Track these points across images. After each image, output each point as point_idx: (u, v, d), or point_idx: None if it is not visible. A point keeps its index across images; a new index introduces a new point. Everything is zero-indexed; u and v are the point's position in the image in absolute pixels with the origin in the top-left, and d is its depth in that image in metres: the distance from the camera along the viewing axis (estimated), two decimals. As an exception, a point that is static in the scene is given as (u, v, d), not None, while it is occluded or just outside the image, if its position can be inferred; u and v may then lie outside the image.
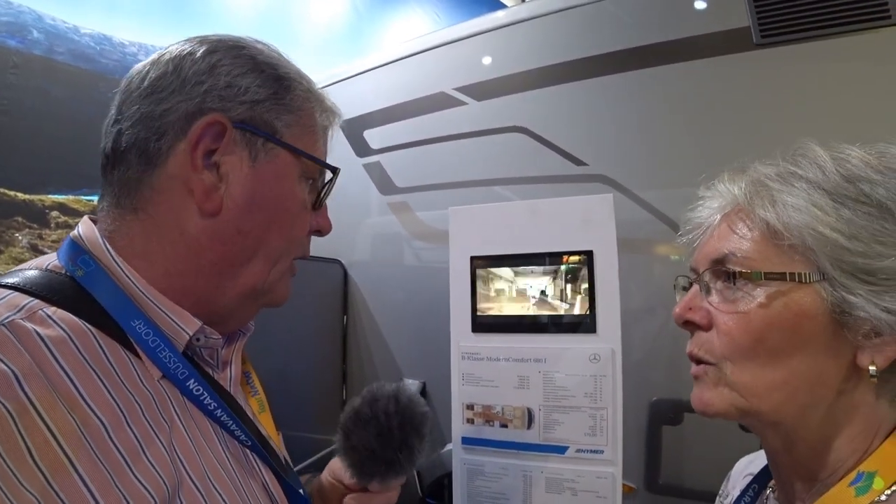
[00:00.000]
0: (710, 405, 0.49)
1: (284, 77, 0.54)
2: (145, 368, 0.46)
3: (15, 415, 0.35)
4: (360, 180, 1.66)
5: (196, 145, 0.49)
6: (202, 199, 0.49)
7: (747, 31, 1.15)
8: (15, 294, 0.43)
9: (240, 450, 0.54)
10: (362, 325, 1.66)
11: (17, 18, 2.43)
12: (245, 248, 0.52)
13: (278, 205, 0.54)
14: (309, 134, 0.57)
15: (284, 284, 0.59)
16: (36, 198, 2.54)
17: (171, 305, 0.49)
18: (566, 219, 1.02)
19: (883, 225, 0.42)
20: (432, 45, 1.59)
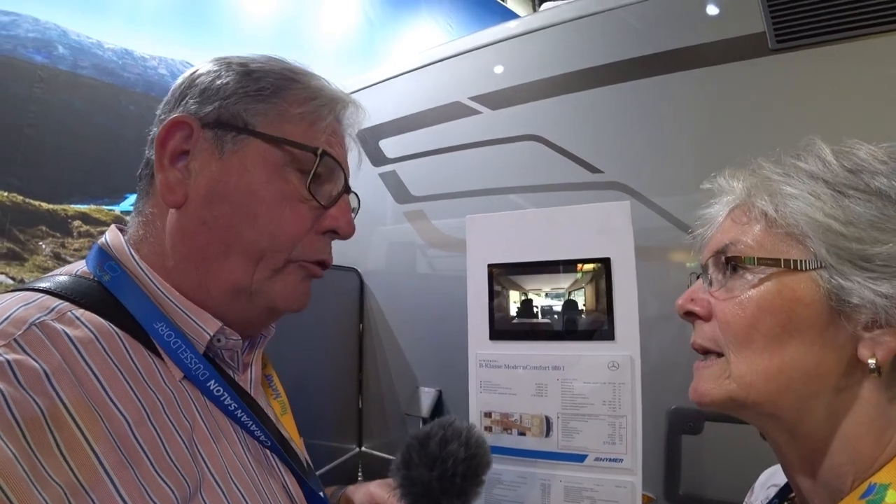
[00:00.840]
0: (706, 395, 0.49)
1: (255, 70, 0.55)
2: (167, 369, 0.48)
3: (45, 410, 0.37)
4: (376, 189, 1.67)
5: (163, 145, 0.52)
6: (165, 193, 0.52)
7: (763, 36, 1.15)
8: (46, 297, 0.45)
9: (260, 450, 0.55)
10: (378, 334, 1.66)
11: (43, 35, 2.52)
12: (213, 241, 0.52)
13: (247, 196, 0.52)
14: (295, 122, 0.55)
15: (286, 286, 0.56)
16: (59, 207, 2.60)
17: (191, 306, 0.51)
18: (583, 226, 1.02)
19: (882, 211, 0.42)
20: (447, 55, 1.61)
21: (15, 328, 0.40)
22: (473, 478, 0.67)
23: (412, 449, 0.68)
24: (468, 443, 0.68)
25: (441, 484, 0.65)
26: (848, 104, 1.08)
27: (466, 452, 0.67)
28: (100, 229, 2.72)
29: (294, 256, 0.55)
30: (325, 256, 0.59)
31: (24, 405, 0.36)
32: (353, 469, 1.65)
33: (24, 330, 0.40)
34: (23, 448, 0.35)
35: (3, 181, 2.39)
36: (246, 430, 0.53)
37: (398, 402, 1.59)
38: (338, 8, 3.93)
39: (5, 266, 2.40)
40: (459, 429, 0.69)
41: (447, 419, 0.71)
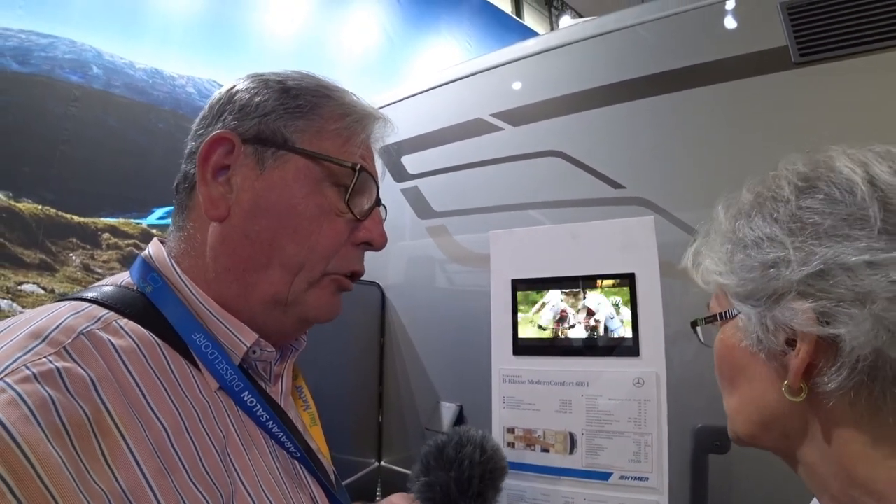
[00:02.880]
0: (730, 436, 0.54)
1: (292, 87, 0.57)
2: (204, 380, 0.49)
3: (90, 416, 0.38)
4: (398, 205, 1.69)
5: (205, 160, 0.54)
6: (208, 207, 0.53)
7: (785, 50, 1.15)
8: (93, 307, 0.46)
9: (289, 462, 0.55)
10: (399, 348, 1.67)
11: (79, 56, 2.64)
12: (255, 253, 0.53)
13: (288, 210, 0.54)
14: (331, 138, 0.57)
15: (320, 298, 0.57)
16: (90, 220, 2.69)
17: (230, 318, 0.52)
18: (607, 242, 1.02)
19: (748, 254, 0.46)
20: (468, 72, 1.64)
21: (65, 336, 0.41)
22: (490, 481, 0.69)
23: (430, 455, 0.70)
24: (483, 446, 0.70)
25: (459, 485, 0.67)
26: (873, 116, 1.07)
27: (482, 456, 0.69)
28: (127, 242, 2.80)
29: (330, 269, 0.56)
30: (358, 267, 0.60)
31: (71, 411, 0.37)
32: (373, 484, 1.64)
33: (73, 339, 0.41)
34: (70, 453, 0.36)
35: (38, 195, 2.49)
36: (276, 442, 0.54)
37: (418, 417, 1.58)
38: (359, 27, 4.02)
39: (37, 276, 2.48)
40: (475, 435, 0.72)
41: (462, 428, 0.73)
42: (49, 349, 0.39)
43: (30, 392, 0.36)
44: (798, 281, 0.41)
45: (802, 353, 0.41)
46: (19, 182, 2.44)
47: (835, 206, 0.41)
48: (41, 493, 0.33)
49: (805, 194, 0.44)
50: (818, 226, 0.41)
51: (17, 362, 0.37)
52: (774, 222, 0.45)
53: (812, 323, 0.40)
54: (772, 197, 0.47)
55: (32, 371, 0.37)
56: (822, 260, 0.40)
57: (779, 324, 0.43)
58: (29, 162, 2.46)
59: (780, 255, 0.43)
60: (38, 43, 2.49)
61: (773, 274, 0.43)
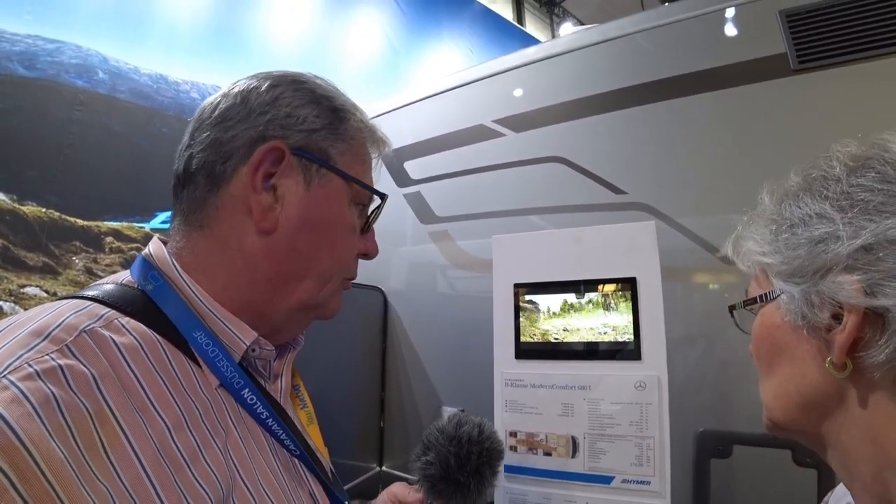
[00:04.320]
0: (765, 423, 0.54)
1: (340, 108, 0.59)
2: (205, 377, 0.50)
3: (93, 413, 0.38)
4: (400, 210, 1.70)
5: (257, 168, 0.53)
6: (259, 218, 0.53)
7: (784, 57, 1.16)
8: (95, 305, 0.46)
9: (289, 459, 0.56)
10: (401, 353, 1.67)
11: (85, 61, 2.65)
12: (297, 265, 0.55)
13: (329, 227, 0.57)
14: (360, 162, 0.61)
15: (336, 300, 0.62)
16: (93, 224, 2.70)
17: (230, 317, 0.53)
18: (609, 246, 1.03)
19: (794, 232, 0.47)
20: (471, 79, 1.65)
21: (67, 334, 0.41)
22: (487, 459, 0.72)
23: (430, 435, 0.74)
24: (482, 427, 0.74)
25: (458, 460, 0.69)
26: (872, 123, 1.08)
27: (480, 435, 0.72)
28: (130, 246, 2.81)
29: (344, 277, 0.62)
30: (356, 273, 0.66)
31: (74, 408, 0.37)
32: (374, 488, 1.64)
33: (74, 336, 0.42)
34: (73, 449, 0.36)
35: (42, 198, 2.50)
36: (276, 439, 0.55)
37: (420, 422, 1.59)
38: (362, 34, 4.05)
39: (40, 279, 2.49)
40: (473, 419, 0.75)
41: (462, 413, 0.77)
42: (51, 347, 0.40)
43: (33, 389, 0.36)
44: (847, 255, 0.42)
45: (850, 325, 0.42)
46: (24, 185, 2.45)
47: (887, 183, 0.42)
48: (45, 489, 0.34)
49: (856, 173, 0.45)
50: (868, 202, 0.42)
51: (19, 360, 0.37)
52: (824, 200, 0.46)
53: (859, 295, 0.41)
54: (821, 176, 0.48)
55: (35, 368, 0.37)
56: (872, 234, 0.41)
57: (825, 298, 0.44)
58: (33, 165, 2.47)
59: (828, 230, 0.44)
60: (45, 48, 2.52)
61: (820, 249, 0.44)
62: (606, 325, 1.02)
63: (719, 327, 1.14)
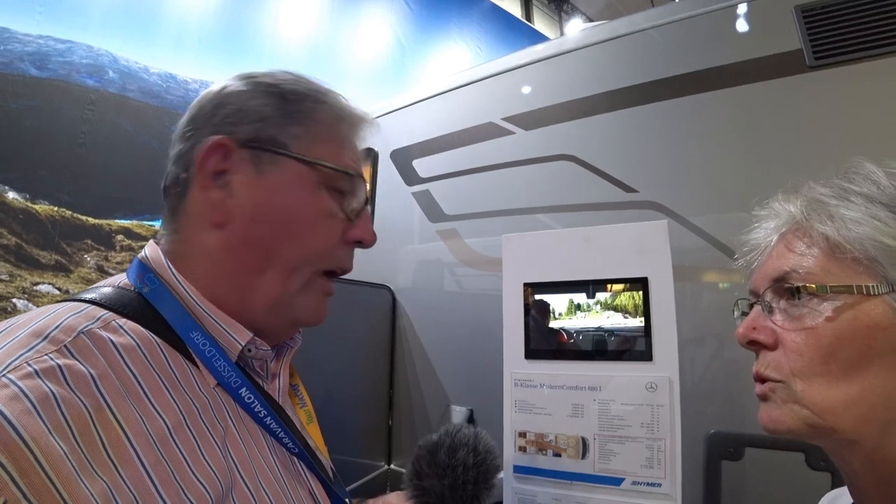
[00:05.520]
0: (780, 422, 0.48)
1: (289, 92, 0.58)
2: (202, 376, 0.50)
3: (91, 411, 0.39)
4: (409, 208, 1.70)
5: (201, 167, 0.54)
6: (209, 212, 0.54)
7: (800, 53, 1.14)
8: (92, 307, 0.47)
9: (287, 457, 0.57)
10: (410, 351, 1.67)
11: (95, 60, 2.68)
12: (256, 258, 0.54)
13: (289, 214, 0.55)
14: (325, 142, 0.58)
15: (310, 300, 0.58)
16: (104, 222, 2.73)
17: (224, 317, 0.53)
18: (620, 246, 1.02)
19: None
20: (480, 76, 1.64)
21: (65, 335, 0.42)
22: (484, 482, 0.70)
23: (422, 460, 0.70)
24: (476, 449, 0.70)
25: (453, 492, 0.67)
26: (889, 120, 1.06)
27: (475, 458, 0.69)
28: (140, 244, 2.83)
29: (320, 267, 0.58)
30: (349, 265, 0.61)
31: (72, 405, 0.38)
32: (382, 486, 1.64)
33: (73, 337, 0.42)
34: (71, 445, 0.37)
35: (54, 196, 2.53)
36: (274, 437, 0.55)
37: (428, 420, 1.59)
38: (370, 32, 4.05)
39: (53, 277, 2.52)
40: (467, 436, 0.72)
41: (454, 427, 0.74)
42: (50, 347, 0.41)
43: (32, 387, 0.37)
44: None
45: None
46: (36, 184, 2.48)
47: None
48: (44, 483, 0.35)
49: None
50: None
51: (19, 359, 0.38)
52: None
53: None
54: None
55: (34, 367, 0.38)
56: None
57: None
58: (46, 165, 2.50)
59: None
60: (56, 48, 2.54)
61: None
62: (617, 326, 1.01)
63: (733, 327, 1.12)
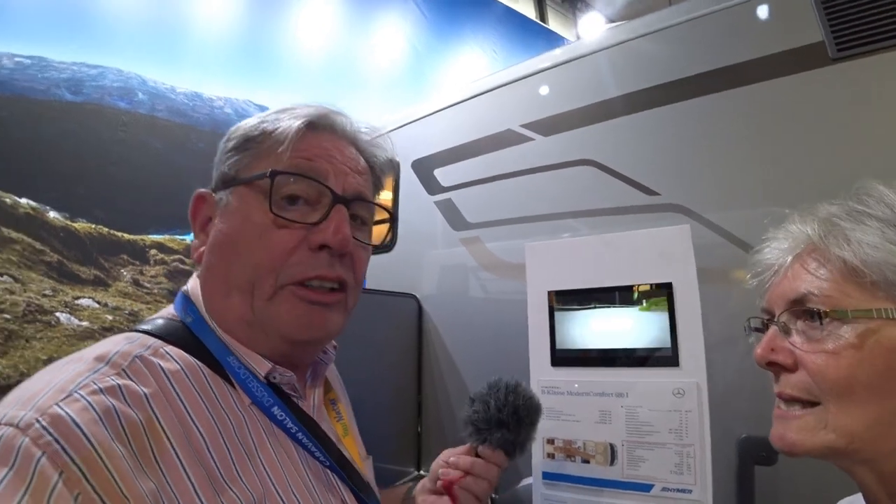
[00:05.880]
0: (799, 445, 0.48)
1: (232, 131, 0.64)
2: (239, 396, 0.56)
3: (144, 423, 0.46)
4: (431, 217, 1.72)
5: (192, 219, 0.63)
6: (192, 254, 0.62)
7: (822, 46, 1.12)
8: (145, 336, 0.55)
9: (321, 470, 0.61)
10: (437, 358, 1.69)
11: (126, 83, 2.80)
12: (217, 284, 0.60)
13: (233, 235, 0.59)
14: (266, 156, 0.59)
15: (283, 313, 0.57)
16: (138, 238, 2.84)
17: (244, 350, 0.59)
18: (643, 251, 1.02)
19: None
20: (497, 84, 1.65)
21: (123, 360, 0.50)
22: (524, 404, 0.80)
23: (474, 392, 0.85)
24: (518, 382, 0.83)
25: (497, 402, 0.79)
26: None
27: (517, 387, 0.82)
28: (172, 258, 2.93)
29: (282, 280, 0.57)
30: (320, 271, 0.58)
31: (129, 418, 0.45)
32: (413, 492, 1.66)
33: (129, 362, 0.50)
34: (128, 450, 0.43)
35: (91, 214, 2.65)
36: (307, 451, 0.60)
37: (457, 426, 1.60)
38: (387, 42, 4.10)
39: (93, 291, 2.63)
40: None
41: None
42: (111, 370, 0.48)
43: (97, 402, 0.44)
44: None
45: None
46: (74, 203, 2.61)
47: None
48: (108, 479, 0.41)
49: None
50: None
51: (87, 379, 0.46)
52: None
53: None
54: None
55: (99, 386, 0.45)
56: None
57: None
58: (83, 184, 2.63)
59: None
60: (89, 73, 2.67)
61: None
62: (643, 332, 1.01)
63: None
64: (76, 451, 0.40)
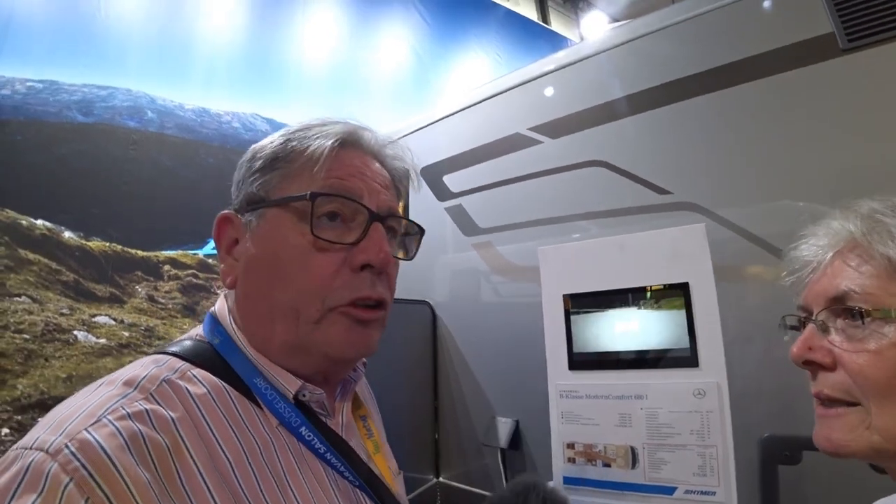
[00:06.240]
0: (845, 446, 0.48)
1: (258, 149, 0.62)
2: (266, 418, 0.56)
3: (171, 447, 0.47)
4: (442, 223, 1.72)
5: (217, 241, 0.62)
6: (222, 279, 0.61)
7: (832, 37, 1.11)
8: (173, 359, 0.55)
9: (350, 489, 0.60)
10: (452, 364, 1.68)
11: (135, 102, 2.85)
12: (257, 309, 0.59)
13: (272, 260, 0.57)
14: (298, 175, 0.58)
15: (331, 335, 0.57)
16: (151, 254, 2.87)
17: (275, 368, 0.58)
18: (658, 252, 1.01)
19: None
20: (503, 88, 1.65)
21: (150, 384, 0.50)
22: None
23: None
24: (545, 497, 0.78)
25: None
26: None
27: None
28: (186, 273, 2.96)
29: (329, 304, 0.56)
30: (365, 292, 0.58)
31: (156, 443, 0.46)
32: (432, 499, 1.66)
33: (157, 386, 0.50)
34: (154, 476, 0.44)
35: (105, 233, 2.69)
36: (335, 471, 0.59)
37: (475, 432, 1.59)
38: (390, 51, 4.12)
39: (109, 308, 2.66)
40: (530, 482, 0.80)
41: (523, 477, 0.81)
42: (140, 395, 0.49)
43: (124, 427, 0.45)
44: None
45: None
46: (89, 222, 2.65)
47: None
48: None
49: None
50: None
51: (116, 404, 0.47)
52: None
53: None
54: None
55: (127, 411, 0.46)
56: None
57: None
58: (96, 203, 2.67)
59: None
60: (99, 94, 2.72)
61: None
62: (661, 333, 1.01)
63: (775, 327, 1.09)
64: (103, 477, 0.41)
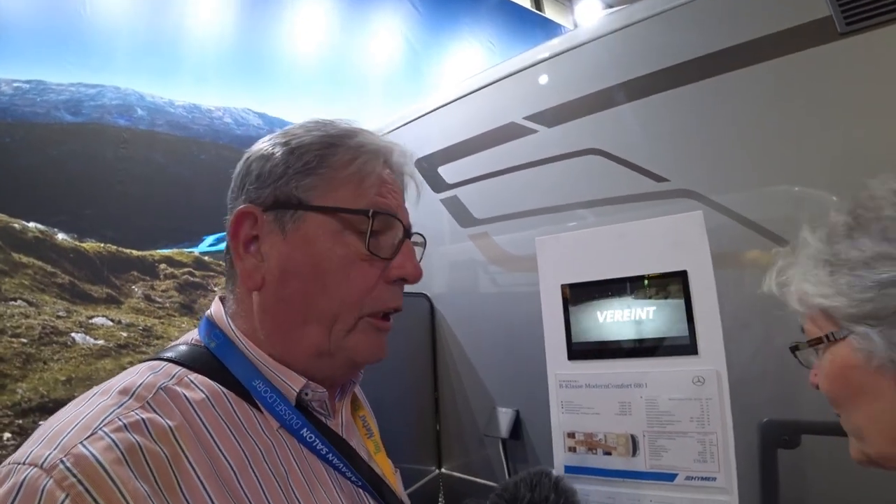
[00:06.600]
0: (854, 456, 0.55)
1: (297, 146, 0.59)
2: (266, 420, 0.56)
3: (170, 458, 0.45)
4: (438, 215, 1.71)
5: (235, 237, 0.59)
6: (245, 279, 0.58)
7: (829, 20, 1.09)
8: (169, 365, 0.55)
9: (353, 489, 0.60)
10: (452, 356, 1.69)
11: (124, 100, 2.82)
12: (292, 314, 0.58)
13: (315, 268, 0.57)
14: (343, 186, 0.58)
15: (360, 342, 0.59)
16: (147, 253, 2.86)
17: (278, 367, 0.58)
18: (656, 240, 1.01)
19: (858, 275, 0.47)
20: (497, 77, 1.64)
21: (147, 392, 0.49)
22: None
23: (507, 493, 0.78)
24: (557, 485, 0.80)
25: None
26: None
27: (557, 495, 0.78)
28: (182, 271, 2.95)
29: (363, 312, 0.59)
30: (395, 303, 0.62)
31: (154, 454, 0.44)
32: (435, 490, 1.67)
33: (153, 394, 0.49)
34: (153, 488, 0.43)
35: (100, 233, 2.67)
36: (338, 472, 0.59)
37: (476, 423, 1.60)
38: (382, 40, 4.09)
39: (105, 309, 2.65)
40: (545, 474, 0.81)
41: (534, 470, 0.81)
42: (136, 404, 0.48)
43: (121, 439, 0.44)
44: None
45: None
46: (82, 224, 2.63)
47: None
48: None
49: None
50: None
51: (112, 415, 0.45)
52: (885, 241, 0.45)
53: None
54: (875, 217, 0.47)
55: (124, 422, 0.45)
56: None
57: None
58: (89, 204, 2.65)
59: None
60: (87, 93, 2.68)
61: (893, 292, 0.44)
62: (659, 321, 1.00)
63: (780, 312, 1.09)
64: (100, 492, 0.40)
